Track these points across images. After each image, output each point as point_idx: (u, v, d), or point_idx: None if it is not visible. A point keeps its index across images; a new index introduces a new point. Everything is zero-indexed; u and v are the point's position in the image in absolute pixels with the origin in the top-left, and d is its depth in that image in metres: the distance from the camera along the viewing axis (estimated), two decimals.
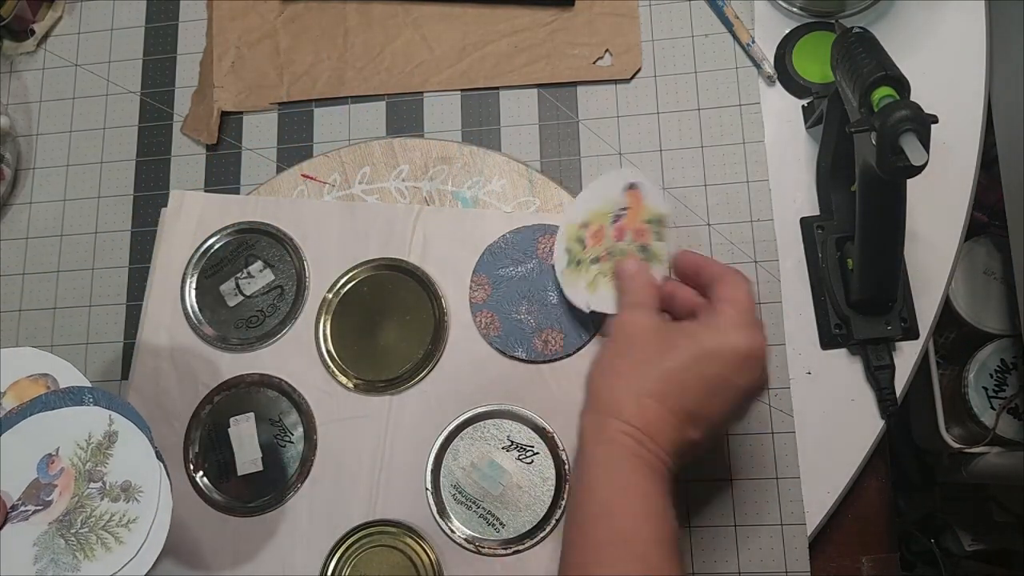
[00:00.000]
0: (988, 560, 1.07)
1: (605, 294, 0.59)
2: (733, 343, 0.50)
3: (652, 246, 0.59)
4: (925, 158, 0.46)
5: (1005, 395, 0.84)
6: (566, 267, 0.62)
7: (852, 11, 0.69)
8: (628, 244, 0.60)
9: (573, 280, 0.61)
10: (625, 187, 0.61)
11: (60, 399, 0.51)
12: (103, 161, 0.75)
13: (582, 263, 0.61)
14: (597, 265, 0.60)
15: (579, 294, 0.61)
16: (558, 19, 0.72)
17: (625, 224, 0.60)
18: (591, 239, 0.61)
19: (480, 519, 0.61)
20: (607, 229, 0.61)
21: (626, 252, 0.59)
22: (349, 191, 0.70)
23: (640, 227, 0.60)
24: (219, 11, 0.76)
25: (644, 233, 0.60)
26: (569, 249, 0.62)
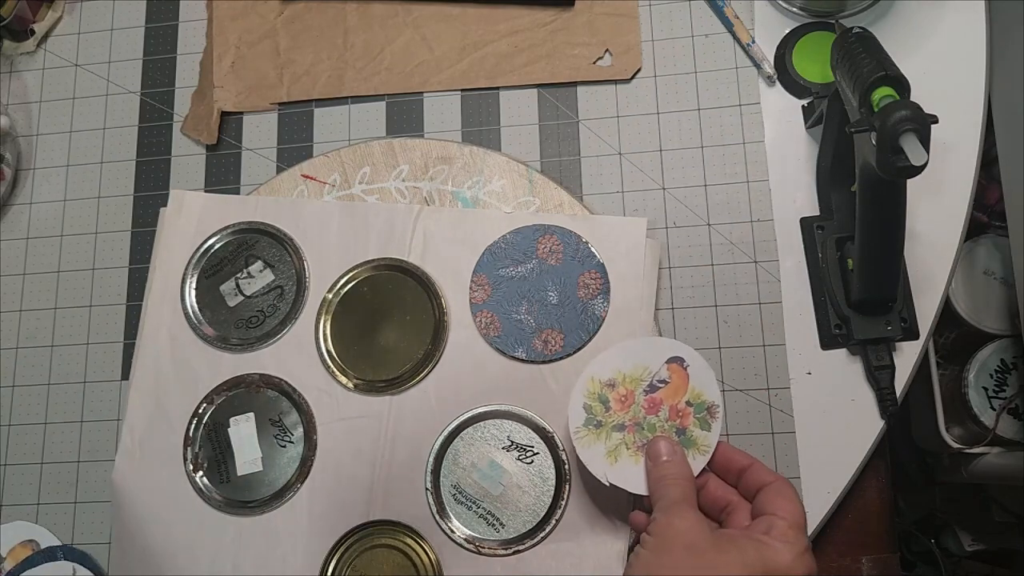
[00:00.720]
0: (988, 560, 1.07)
1: (627, 468, 0.55)
2: (790, 567, 0.47)
3: (692, 432, 0.56)
4: (925, 158, 0.46)
5: (1005, 395, 0.84)
6: (583, 426, 0.57)
7: (852, 11, 0.69)
8: (662, 421, 0.56)
9: (590, 443, 0.56)
10: (669, 358, 0.57)
11: (41, 557, 0.67)
12: (103, 161, 0.75)
13: (603, 427, 0.56)
14: (620, 434, 0.56)
15: (596, 461, 0.56)
16: (558, 19, 0.72)
17: (661, 398, 0.56)
18: (617, 403, 0.57)
19: (480, 519, 0.61)
20: (638, 397, 0.57)
21: (657, 429, 0.56)
22: (349, 191, 0.70)
23: (680, 408, 0.56)
24: (219, 11, 0.76)
25: (684, 415, 0.56)
26: (589, 406, 0.57)
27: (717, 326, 0.65)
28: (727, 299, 0.65)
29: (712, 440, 0.55)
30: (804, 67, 0.68)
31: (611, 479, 0.55)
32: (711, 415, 0.56)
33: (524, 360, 0.64)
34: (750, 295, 0.65)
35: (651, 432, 0.56)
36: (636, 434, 0.56)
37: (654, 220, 0.67)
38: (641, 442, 0.56)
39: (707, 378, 0.57)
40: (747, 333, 0.64)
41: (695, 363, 0.57)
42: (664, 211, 0.68)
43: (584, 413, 0.57)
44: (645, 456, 0.55)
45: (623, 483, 0.55)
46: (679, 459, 0.53)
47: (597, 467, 0.56)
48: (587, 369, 0.58)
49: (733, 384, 0.64)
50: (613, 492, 0.56)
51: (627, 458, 0.56)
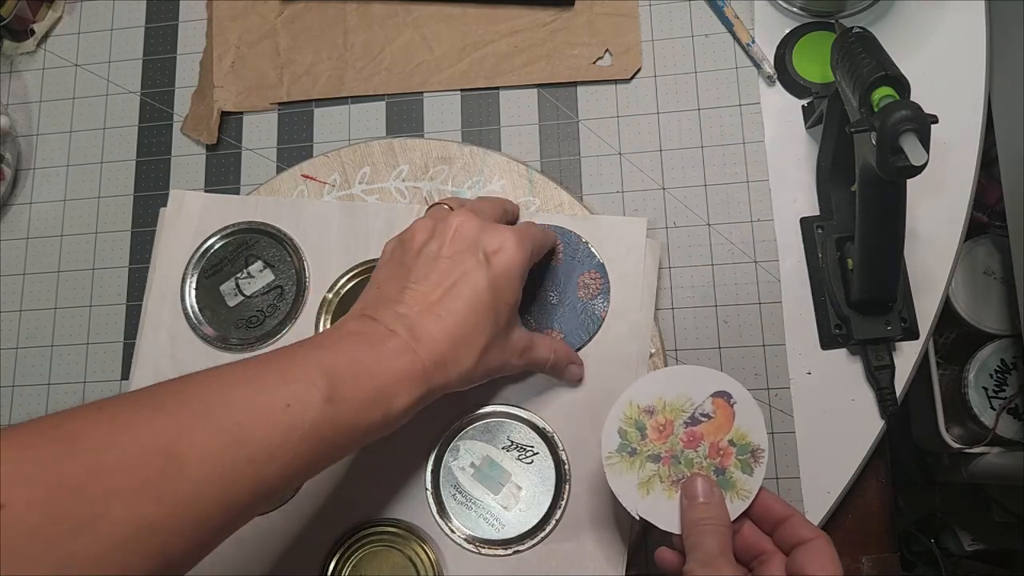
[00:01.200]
0: (988, 560, 1.08)
1: (659, 502, 0.52)
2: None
3: (732, 475, 0.52)
4: (925, 158, 0.46)
5: (1005, 395, 0.84)
6: (616, 451, 0.54)
7: (852, 11, 0.69)
8: (701, 458, 0.53)
9: (622, 471, 0.53)
10: (715, 392, 0.54)
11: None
12: (103, 161, 0.75)
13: (637, 455, 0.53)
14: (655, 465, 0.53)
15: (628, 492, 0.53)
16: (558, 19, 0.72)
17: (702, 433, 0.53)
18: (654, 432, 0.54)
19: (480, 519, 0.61)
20: (677, 428, 0.53)
21: (694, 465, 0.53)
22: (349, 191, 0.70)
23: (722, 446, 0.53)
24: (219, 11, 0.76)
25: (726, 455, 0.53)
26: (624, 432, 0.54)
27: (717, 326, 0.65)
28: (727, 299, 0.65)
29: (753, 486, 0.52)
30: (804, 67, 0.68)
31: (642, 513, 0.52)
32: (755, 459, 0.53)
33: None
34: (750, 295, 0.65)
35: (688, 468, 0.53)
36: (672, 467, 0.53)
37: (654, 220, 0.67)
38: (676, 477, 0.53)
39: (755, 418, 0.53)
40: (747, 333, 0.64)
41: (743, 401, 0.54)
42: (664, 211, 0.68)
43: (618, 438, 0.54)
44: (680, 494, 0.52)
45: (654, 518, 0.52)
46: (717, 501, 0.50)
47: (628, 498, 0.53)
48: (626, 392, 0.55)
49: None
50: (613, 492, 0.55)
51: (660, 492, 0.53)
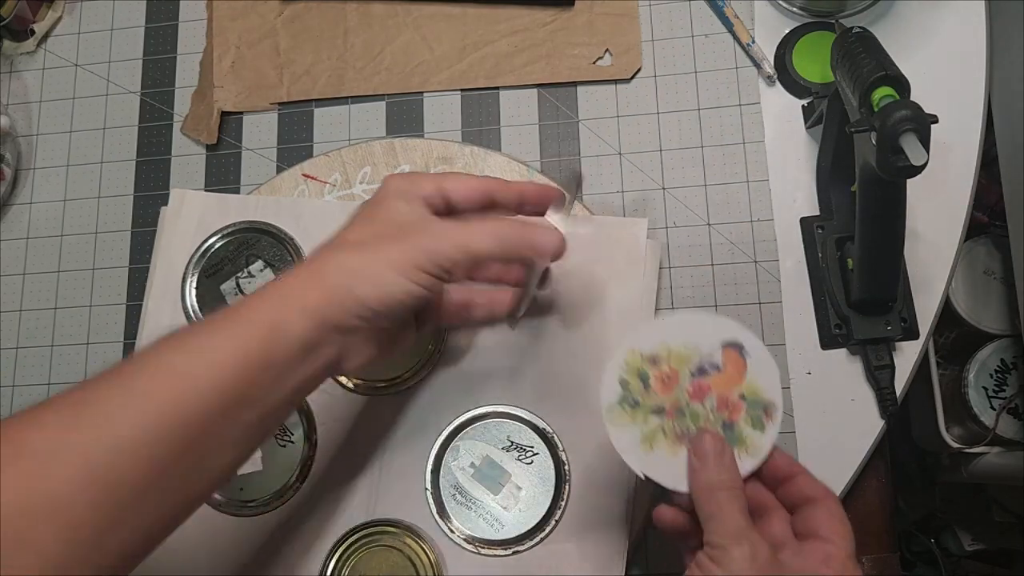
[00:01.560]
0: (988, 560, 1.07)
1: (662, 458, 0.48)
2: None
3: (742, 430, 0.49)
4: (925, 158, 0.46)
5: (1005, 395, 0.84)
6: (617, 404, 0.49)
7: (852, 11, 0.69)
8: (708, 411, 0.49)
9: (623, 424, 0.49)
10: (726, 342, 0.50)
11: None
12: (103, 161, 0.75)
13: (639, 407, 0.49)
14: (659, 418, 0.49)
15: (629, 447, 0.49)
16: (558, 19, 0.72)
17: (710, 385, 0.49)
18: (658, 382, 0.49)
19: (480, 519, 0.61)
20: (683, 379, 0.49)
21: (701, 419, 0.49)
22: (350, 191, 0.70)
23: (732, 400, 0.49)
24: (219, 11, 0.76)
25: (735, 409, 0.49)
26: (625, 382, 0.49)
27: None
28: (727, 299, 0.65)
29: (765, 443, 0.48)
30: (804, 67, 0.68)
31: (646, 471, 0.48)
32: (767, 415, 0.49)
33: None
34: (750, 295, 0.65)
35: (694, 422, 0.49)
36: (676, 421, 0.49)
37: (654, 220, 0.67)
38: (681, 431, 0.49)
39: (769, 374, 0.49)
40: None
41: (757, 354, 0.49)
42: (664, 211, 0.68)
43: (620, 389, 0.49)
44: (689, 452, 0.48)
45: (657, 475, 0.48)
46: (730, 463, 0.47)
47: (631, 456, 0.49)
48: (627, 339, 0.50)
49: None
50: (613, 492, 0.55)
51: (664, 447, 0.48)
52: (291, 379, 0.46)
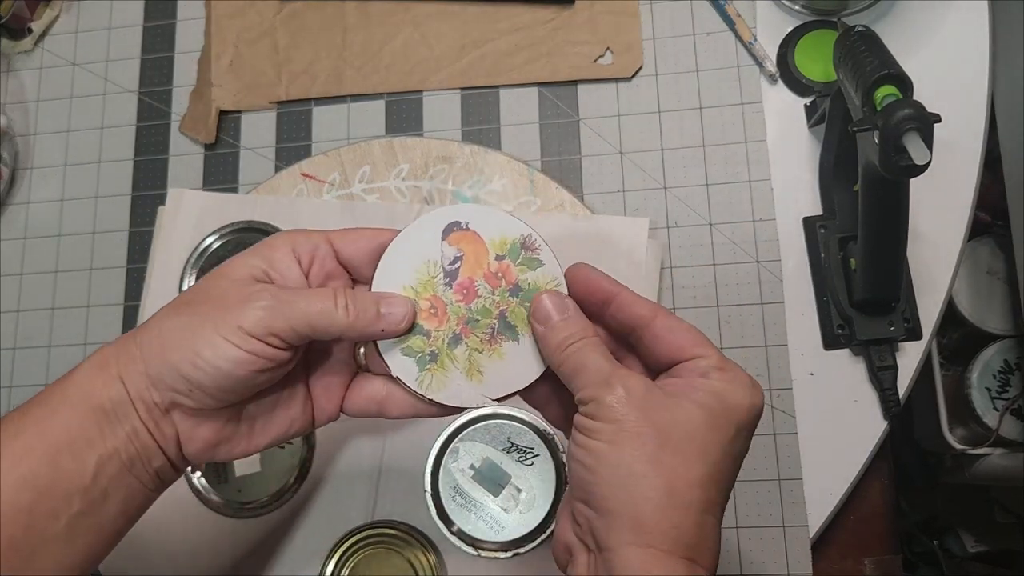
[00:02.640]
0: (991, 561, 1.07)
1: (497, 371, 0.44)
2: (752, 400, 0.40)
3: (527, 280, 0.45)
4: (928, 157, 0.45)
5: (1008, 396, 0.83)
6: (419, 372, 0.44)
7: (854, 9, 0.69)
8: (489, 295, 0.45)
9: (442, 382, 0.45)
10: (443, 232, 0.45)
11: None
12: (101, 160, 0.75)
13: (439, 355, 0.44)
14: (462, 345, 0.44)
15: (463, 392, 0.45)
16: (558, 17, 0.72)
17: (469, 276, 0.45)
18: (431, 320, 0.44)
19: (480, 521, 0.61)
20: (445, 296, 0.45)
21: (492, 310, 0.45)
22: (349, 190, 0.70)
23: (495, 268, 0.45)
24: (217, 9, 0.76)
25: (505, 272, 0.45)
26: (409, 348, 0.44)
27: (719, 326, 0.64)
28: (729, 299, 0.65)
29: (553, 271, 0.45)
30: (806, 66, 0.68)
31: (493, 395, 0.44)
32: (531, 249, 0.45)
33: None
34: (752, 295, 0.65)
35: (487, 316, 0.45)
36: (475, 331, 0.45)
37: (655, 220, 0.67)
38: (487, 333, 0.45)
39: (498, 219, 0.45)
40: (749, 333, 0.64)
41: (475, 215, 0.45)
42: (665, 210, 0.67)
43: (409, 359, 0.45)
44: (531, 322, 0.44)
45: (507, 387, 0.44)
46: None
47: (469, 397, 0.45)
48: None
49: None
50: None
51: (489, 362, 0.45)
52: (109, 462, 0.41)
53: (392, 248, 0.45)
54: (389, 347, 0.45)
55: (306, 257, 0.43)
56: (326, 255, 0.44)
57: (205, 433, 0.43)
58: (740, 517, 0.61)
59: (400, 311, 0.43)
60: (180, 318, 0.41)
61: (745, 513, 0.61)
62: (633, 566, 0.37)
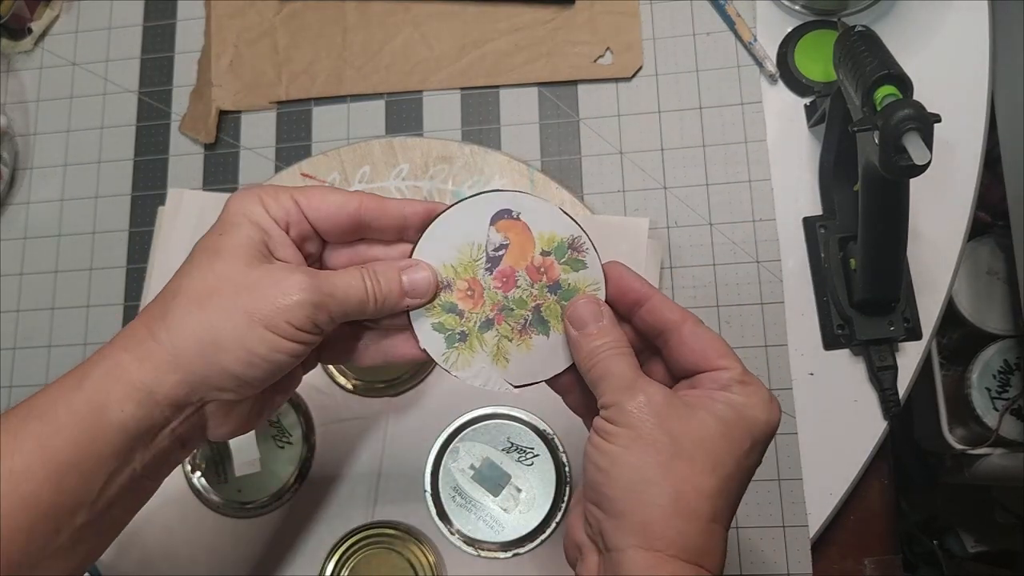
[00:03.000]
0: (991, 562, 1.07)
1: (523, 361, 0.45)
2: (769, 416, 0.41)
3: (568, 280, 0.45)
4: (928, 157, 0.45)
5: (1008, 396, 0.83)
6: (448, 348, 0.45)
7: (854, 9, 0.69)
8: (528, 288, 0.45)
9: (468, 360, 0.45)
10: (492, 218, 0.45)
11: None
12: (101, 160, 0.75)
13: (468, 336, 0.45)
14: (492, 331, 0.45)
15: (487, 374, 0.46)
16: (558, 17, 0.72)
17: (511, 266, 0.45)
18: (466, 301, 0.45)
19: (479, 521, 0.61)
20: (484, 280, 0.45)
21: (528, 300, 0.45)
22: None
23: (539, 262, 0.45)
24: (217, 9, 0.76)
25: (549, 268, 0.45)
26: (440, 325, 0.45)
27: (719, 326, 0.64)
28: (729, 299, 0.65)
29: (595, 275, 0.45)
30: (806, 65, 0.68)
31: (516, 383, 0.46)
32: (577, 251, 0.45)
33: None
34: (752, 295, 0.65)
35: (523, 308, 0.45)
36: (509, 319, 0.45)
37: (655, 220, 0.67)
38: (520, 324, 0.45)
39: (549, 214, 0.45)
40: (749, 333, 0.64)
41: (526, 205, 0.45)
42: (665, 211, 0.67)
43: (439, 335, 0.46)
44: (565, 324, 0.44)
45: (530, 377, 0.45)
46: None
47: (492, 382, 0.46)
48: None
49: None
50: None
51: (515, 351, 0.45)
52: (122, 473, 0.40)
53: (440, 221, 0.45)
54: (421, 320, 0.45)
55: (282, 222, 0.43)
56: (299, 218, 0.43)
57: (236, 419, 0.43)
58: (740, 517, 0.61)
59: (423, 281, 0.44)
60: (212, 315, 0.40)
61: (745, 513, 0.61)
62: (638, 568, 0.37)
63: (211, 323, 0.40)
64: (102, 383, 0.40)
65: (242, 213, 0.42)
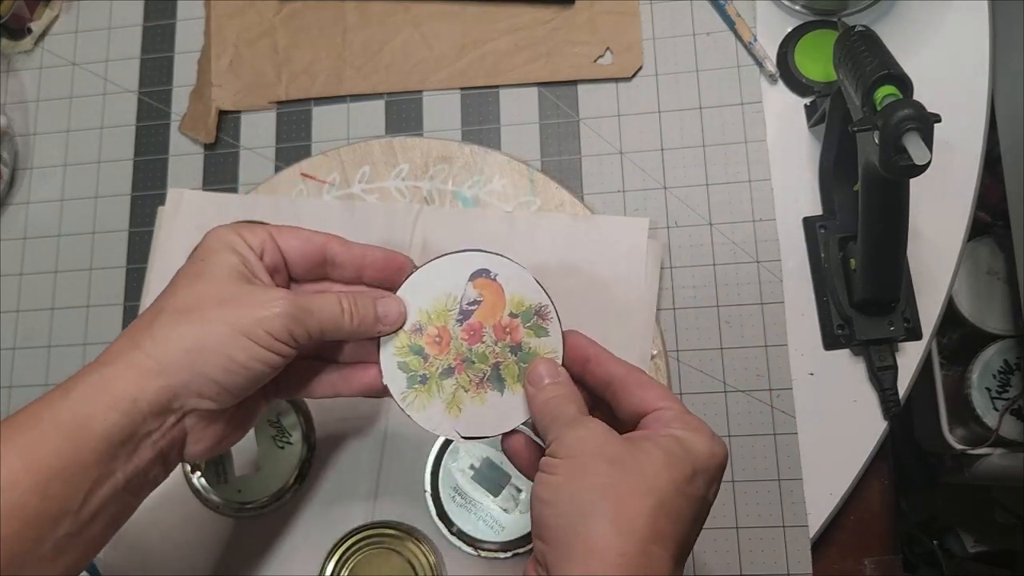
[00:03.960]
0: (991, 562, 1.07)
1: (476, 413, 0.48)
2: (712, 449, 0.42)
3: (529, 344, 0.48)
4: (928, 157, 0.45)
5: (1008, 396, 0.83)
6: (408, 388, 0.48)
7: (855, 9, 0.69)
8: (491, 345, 0.48)
9: (424, 403, 0.48)
10: (472, 275, 0.48)
11: None
12: (100, 160, 0.75)
13: (429, 380, 0.48)
14: (452, 379, 0.48)
15: (439, 420, 0.48)
16: (558, 17, 0.72)
17: (479, 321, 0.48)
18: (433, 347, 0.48)
19: (479, 521, 0.61)
20: (453, 330, 0.48)
21: (488, 356, 0.48)
22: (349, 190, 0.70)
23: (506, 323, 0.48)
24: (217, 9, 0.76)
25: (513, 330, 0.48)
26: (405, 364, 0.48)
27: (719, 326, 0.64)
28: (729, 299, 0.65)
29: (554, 344, 0.48)
30: (806, 65, 0.68)
31: (464, 433, 0.48)
32: (542, 318, 0.48)
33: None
34: (752, 295, 0.65)
35: (484, 362, 0.48)
36: (468, 371, 0.48)
37: (655, 220, 0.67)
38: (478, 377, 0.48)
39: (522, 280, 0.48)
40: (749, 333, 0.64)
41: (504, 270, 0.48)
42: (665, 210, 0.67)
43: (403, 374, 0.48)
44: (525, 384, 0.47)
45: (478, 431, 0.48)
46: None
47: (442, 426, 0.48)
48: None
49: (735, 385, 0.63)
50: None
51: (470, 402, 0.48)
52: (105, 484, 0.41)
53: (424, 269, 0.49)
54: (388, 356, 0.48)
55: (258, 250, 0.46)
56: (272, 247, 0.46)
57: (215, 431, 0.45)
58: (740, 517, 0.61)
59: (395, 311, 0.48)
60: (196, 326, 0.42)
61: (745, 513, 0.61)
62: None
63: (195, 333, 0.42)
64: (87, 395, 0.41)
65: (221, 241, 0.45)
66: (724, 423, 0.63)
